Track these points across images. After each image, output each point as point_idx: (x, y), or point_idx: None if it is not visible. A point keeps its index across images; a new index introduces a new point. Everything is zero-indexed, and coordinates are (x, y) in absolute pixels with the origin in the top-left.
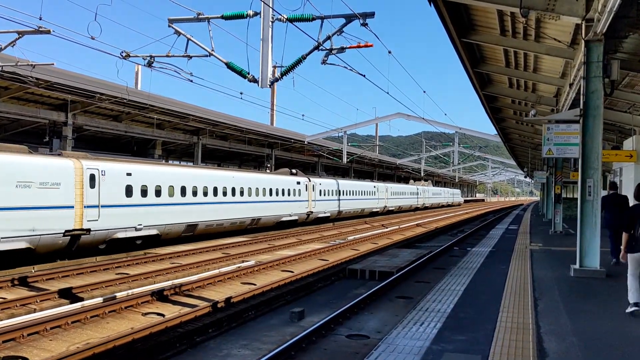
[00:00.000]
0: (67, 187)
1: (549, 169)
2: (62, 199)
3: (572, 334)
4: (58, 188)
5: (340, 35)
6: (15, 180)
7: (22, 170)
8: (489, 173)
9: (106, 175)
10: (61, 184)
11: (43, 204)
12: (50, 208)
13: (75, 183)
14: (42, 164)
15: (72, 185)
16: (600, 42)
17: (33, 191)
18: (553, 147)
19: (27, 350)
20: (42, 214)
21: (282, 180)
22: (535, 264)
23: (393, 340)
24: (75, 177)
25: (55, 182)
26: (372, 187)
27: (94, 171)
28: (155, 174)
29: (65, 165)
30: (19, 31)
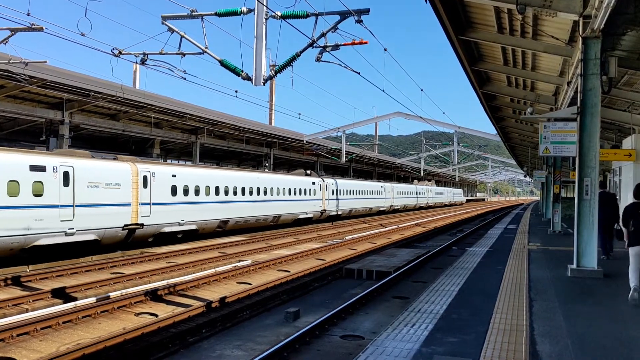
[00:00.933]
0: (125, 187)
1: (548, 168)
2: (122, 197)
3: (567, 336)
4: (119, 188)
5: (334, 32)
6: (87, 181)
7: (92, 173)
8: (489, 172)
9: (156, 177)
10: (121, 184)
11: (108, 201)
12: (113, 205)
13: (132, 184)
14: (106, 167)
15: (129, 186)
16: (598, 39)
17: (100, 191)
18: (550, 146)
19: (15, 350)
20: (107, 211)
21: (299, 180)
22: (533, 264)
23: (382, 343)
24: (132, 179)
25: (117, 182)
26: (379, 187)
27: (147, 173)
28: (194, 176)
29: (125, 168)
30: (12, 28)
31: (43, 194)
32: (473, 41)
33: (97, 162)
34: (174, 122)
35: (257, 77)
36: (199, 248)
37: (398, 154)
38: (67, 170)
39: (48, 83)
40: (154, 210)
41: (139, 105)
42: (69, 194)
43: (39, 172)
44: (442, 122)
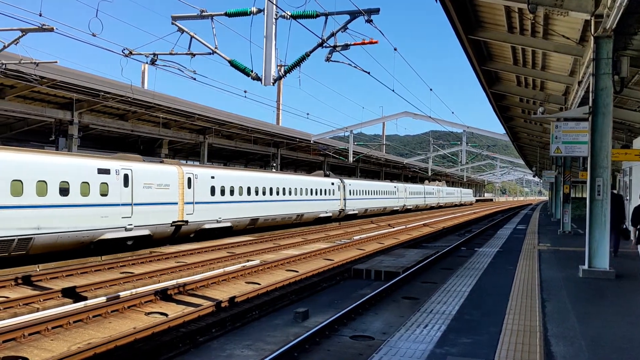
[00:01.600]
0: (173, 188)
1: (558, 168)
2: (170, 197)
3: (581, 337)
4: (168, 189)
5: (344, 32)
6: (142, 183)
7: (146, 175)
8: (497, 172)
9: (198, 178)
10: (170, 185)
11: (159, 200)
12: (163, 204)
13: (178, 185)
14: (158, 170)
15: (176, 187)
16: (610, 38)
17: (153, 191)
18: (561, 146)
19: (27, 350)
20: (158, 209)
21: (320, 181)
22: (543, 265)
23: (396, 343)
24: (178, 180)
25: (166, 184)
26: (393, 188)
27: (190, 175)
28: (230, 177)
29: (172, 171)
30: (23, 29)
31: (108, 194)
32: (483, 41)
33: (150, 165)
34: (182, 122)
35: (266, 77)
36: (207, 248)
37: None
38: (127, 173)
39: (58, 83)
40: (196, 208)
41: (148, 105)
42: (128, 194)
43: (105, 174)
44: (450, 122)
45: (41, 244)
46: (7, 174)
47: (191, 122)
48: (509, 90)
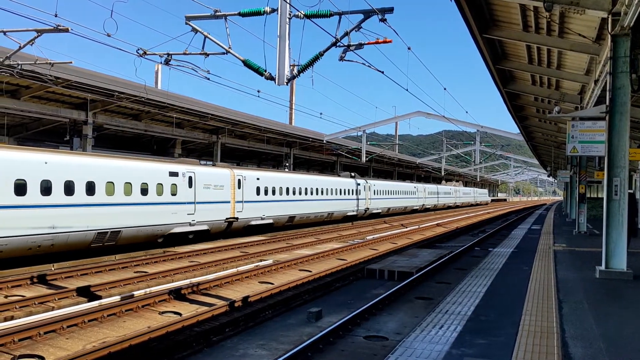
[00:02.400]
0: (227, 188)
1: (573, 168)
2: (224, 196)
3: (599, 339)
4: (222, 189)
5: (358, 31)
6: (203, 184)
7: (206, 177)
8: (511, 172)
9: (246, 180)
10: (224, 186)
11: (215, 199)
12: (219, 202)
13: (231, 186)
14: (214, 172)
15: (229, 187)
16: (628, 36)
17: (211, 191)
18: (578, 145)
19: (43, 348)
20: (215, 207)
21: (347, 182)
22: (559, 265)
23: (411, 344)
24: (230, 182)
25: (221, 185)
26: (413, 188)
27: (240, 177)
28: (271, 178)
29: (226, 173)
30: (38, 29)
31: (177, 194)
32: (497, 39)
33: (208, 168)
34: (195, 122)
35: (280, 76)
36: (220, 247)
37: (418, 154)
38: (191, 175)
39: (73, 83)
40: (245, 207)
41: (162, 105)
42: (192, 193)
43: (174, 177)
44: (464, 122)
45: (126, 236)
46: (104, 176)
47: (204, 122)
48: (524, 90)
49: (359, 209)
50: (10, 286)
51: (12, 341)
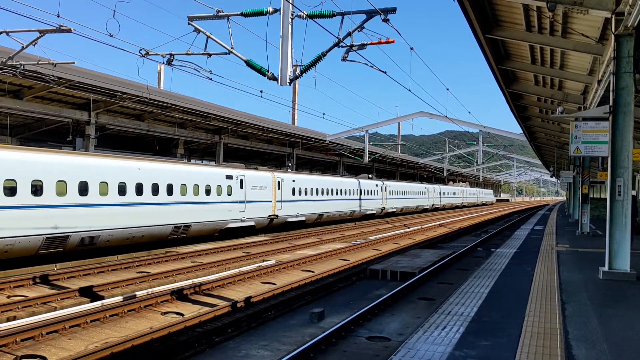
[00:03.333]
0: (269, 189)
1: (576, 168)
2: (267, 196)
3: (603, 340)
4: (266, 190)
5: (360, 31)
6: (251, 185)
7: (253, 180)
8: (514, 173)
9: (284, 182)
10: (267, 187)
11: (260, 199)
12: (264, 202)
13: (272, 187)
14: (259, 175)
15: (271, 188)
16: (631, 36)
17: (257, 192)
18: (581, 146)
19: (45, 349)
20: (260, 205)
21: (367, 183)
22: (562, 266)
23: (414, 345)
24: (272, 183)
25: (265, 186)
26: (424, 189)
27: (279, 179)
28: (304, 180)
29: (268, 176)
30: (41, 30)
31: (232, 194)
32: (500, 39)
33: (254, 172)
34: (198, 122)
35: (282, 77)
36: (222, 248)
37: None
38: (242, 178)
39: (75, 84)
40: (283, 205)
41: (164, 105)
42: (243, 194)
43: (229, 179)
44: (466, 122)
45: (195, 229)
46: (179, 179)
47: (207, 122)
48: (527, 90)
49: (376, 208)
50: (13, 286)
51: (14, 341)
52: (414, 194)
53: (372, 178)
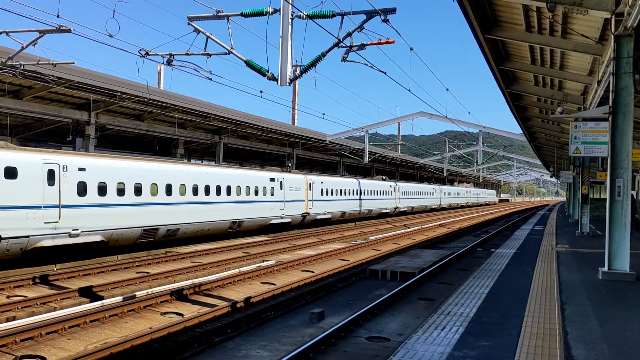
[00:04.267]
0: (302, 190)
1: (576, 168)
2: (301, 196)
3: (602, 341)
4: (300, 191)
5: (360, 31)
6: (289, 187)
7: (290, 182)
8: (514, 173)
9: (314, 183)
10: (301, 188)
11: (295, 199)
12: (297, 201)
13: (305, 188)
14: (294, 177)
15: (303, 189)
16: (631, 37)
17: (293, 192)
18: (580, 146)
19: (44, 349)
20: (295, 204)
21: (383, 184)
22: (562, 267)
23: (413, 346)
24: (304, 185)
25: (299, 187)
26: (432, 189)
27: (311, 181)
28: (330, 182)
29: (302, 178)
30: (40, 30)
31: (274, 194)
32: (500, 40)
33: (290, 174)
34: (198, 122)
35: (282, 77)
36: (222, 248)
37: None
38: (282, 180)
39: (75, 84)
40: (314, 205)
41: (164, 105)
42: (282, 194)
43: (272, 181)
44: (466, 122)
45: (246, 225)
46: (235, 181)
47: (207, 122)
48: (527, 90)
49: (390, 207)
50: (13, 286)
51: (14, 342)
52: (423, 194)
53: (386, 179)
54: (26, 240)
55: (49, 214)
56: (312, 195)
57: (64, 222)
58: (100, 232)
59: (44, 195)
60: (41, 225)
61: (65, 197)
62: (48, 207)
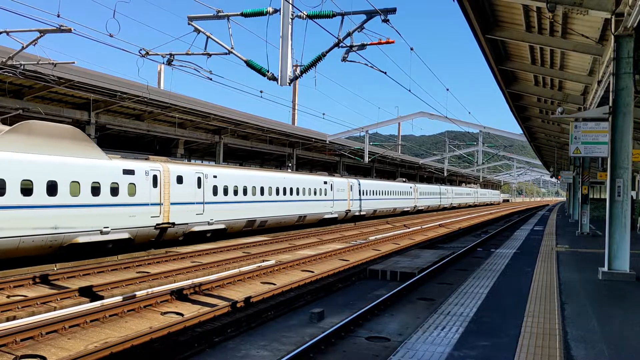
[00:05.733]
0: (345, 191)
1: (576, 168)
2: (345, 196)
3: (602, 341)
4: (344, 191)
5: (360, 31)
6: (337, 189)
7: (337, 184)
8: (514, 173)
9: (354, 185)
10: (344, 190)
11: (340, 198)
12: (342, 200)
13: (347, 189)
14: (340, 180)
15: (346, 190)
16: (631, 37)
17: (340, 192)
18: (580, 146)
19: (45, 349)
20: (340, 203)
21: (405, 186)
22: (562, 267)
23: (413, 345)
24: (347, 187)
25: (342, 189)
26: (444, 190)
27: (352, 183)
28: (366, 184)
29: (345, 181)
30: (41, 30)
31: (326, 194)
32: (500, 40)
33: (337, 178)
34: (198, 122)
35: (282, 77)
36: (222, 248)
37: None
38: (331, 183)
39: (75, 84)
40: (353, 204)
41: (164, 105)
42: (332, 194)
43: (325, 184)
44: (467, 122)
45: (308, 219)
46: (301, 185)
47: (207, 122)
48: (527, 90)
49: (410, 206)
50: (13, 286)
51: (14, 341)
52: (437, 194)
53: (406, 181)
54: (186, 226)
55: (199, 208)
56: (352, 195)
57: (206, 214)
58: (224, 222)
59: (195, 195)
60: (194, 216)
61: (206, 197)
62: (198, 203)
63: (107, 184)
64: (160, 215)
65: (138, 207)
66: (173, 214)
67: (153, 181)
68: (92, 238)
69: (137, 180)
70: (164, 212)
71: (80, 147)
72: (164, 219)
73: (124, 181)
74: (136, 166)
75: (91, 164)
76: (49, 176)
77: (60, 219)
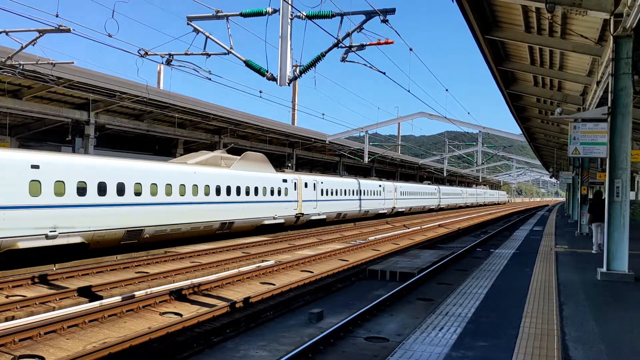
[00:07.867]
0: (392, 192)
1: (575, 169)
2: (392, 196)
3: (600, 341)
4: (393, 192)
5: (360, 32)
6: (387, 190)
7: (367, 186)
8: (514, 173)
9: (397, 187)
10: (392, 191)
11: (389, 197)
12: (390, 200)
13: (394, 191)
14: (371, 183)
15: (393, 192)
16: (630, 37)
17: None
18: (579, 147)
19: (43, 349)
20: (389, 201)
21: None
22: (561, 267)
23: (411, 346)
24: (393, 189)
25: (377, 191)
26: (460, 191)
27: (396, 186)
28: (404, 186)
29: (392, 184)
30: (40, 30)
31: (381, 194)
32: (499, 40)
33: (387, 182)
34: (197, 122)
35: (282, 77)
36: (222, 248)
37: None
38: (382, 185)
39: (75, 84)
40: (398, 202)
41: (164, 105)
42: (384, 194)
43: (379, 187)
44: (466, 122)
45: (348, 216)
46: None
47: (207, 122)
48: (526, 91)
49: (434, 204)
50: (12, 286)
51: (12, 341)
52: (454, 194)
53: (431, 183)
54: (308, 215)
55: (314, 204)
56: (397, 195)
57: (317, 208)
58: (325, 214)
59: (313, 195)
60: (312, 209)
61: (317, 196)
62: (314, 200)
63: (276, 188)
64: (297, 208)
65: (289, 203)
66: (303, 207)
67: (294, 186)
68: (271, 221)
69: (289, 186)
70: (299, 206)
71: (266, 166)
72: (299, 211)
73: (283, 186)
74: (288, 177)
75: (271, 177)
76: (255, 184)
77: (258, 210)
